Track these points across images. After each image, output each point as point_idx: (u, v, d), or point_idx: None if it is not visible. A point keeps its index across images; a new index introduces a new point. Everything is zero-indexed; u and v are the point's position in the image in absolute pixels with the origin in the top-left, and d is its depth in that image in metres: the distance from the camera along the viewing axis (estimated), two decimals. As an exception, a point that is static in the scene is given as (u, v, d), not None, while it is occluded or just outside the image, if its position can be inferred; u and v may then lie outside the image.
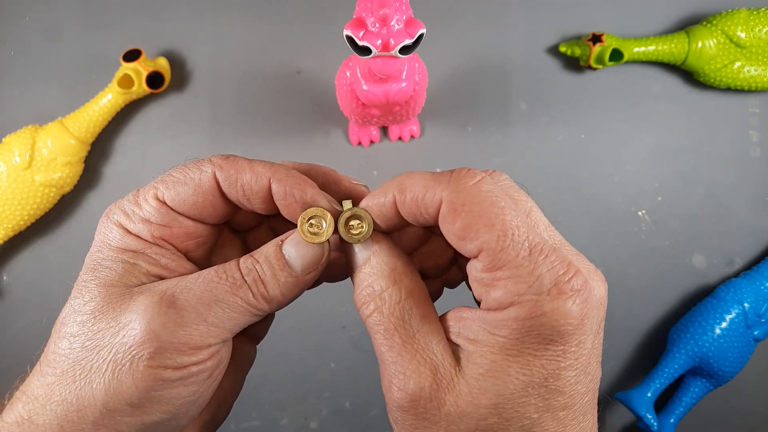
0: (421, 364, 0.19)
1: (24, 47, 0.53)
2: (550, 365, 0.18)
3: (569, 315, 0.18)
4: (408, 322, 0.20)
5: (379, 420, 0.52)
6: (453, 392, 0.18)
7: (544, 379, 0.18)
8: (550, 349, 0.18)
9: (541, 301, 0.18)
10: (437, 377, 0.18)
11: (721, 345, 0.48)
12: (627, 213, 0.52)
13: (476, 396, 0.18)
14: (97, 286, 0.21)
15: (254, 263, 0.21)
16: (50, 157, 0.47)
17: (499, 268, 0.18)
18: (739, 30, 0.49)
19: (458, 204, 0.19)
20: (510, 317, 0.18)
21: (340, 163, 0.52)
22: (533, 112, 0.52)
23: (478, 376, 0.18)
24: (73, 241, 0.52)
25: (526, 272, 0.18)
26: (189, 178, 0.22)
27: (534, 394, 0.18)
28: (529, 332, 0.18)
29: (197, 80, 0.52)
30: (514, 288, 0.18)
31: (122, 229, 0.22)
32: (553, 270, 0.18)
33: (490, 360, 0.18)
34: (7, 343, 0.52)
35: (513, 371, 0.18)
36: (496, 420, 0.18)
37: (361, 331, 0.52)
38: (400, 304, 0.20)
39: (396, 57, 0.35)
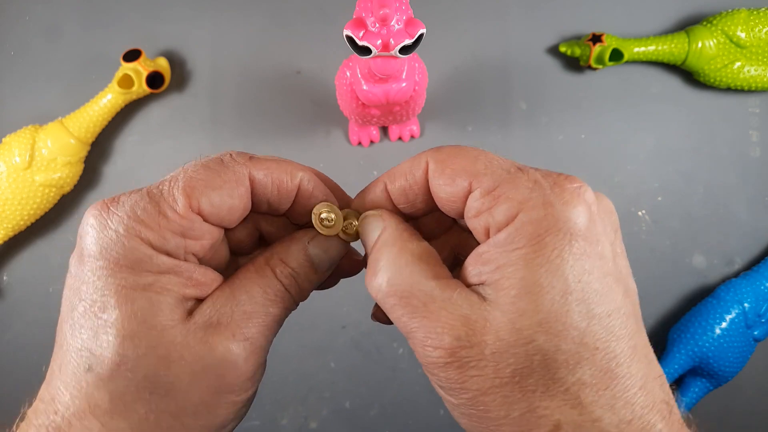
0: (448, 318, 0.18)
1: (24, 47, 0.53)
2: (578, 265, 0.18)
3: (577, 205, 0.18)
4: (422, 284, 0.19)
5: (380, 420, 0.52)
6: (491, 329, 0.18)
7: (577, 281, 0.17)
8: (573, 247, 0.18)
9: (547, 197, 0.18)
10: (469, 323, 0.18)
11: (721, 345, 0.48)
12: (627, 213, 0.52)
13: (516, 320, 0.17)
14: (147, 328, 0.19)
15: (292, 273, 0.22)
16: (50, 157, 0.47)
17: (496, 186, 0.19)
18: (739, 30, 0.49)
19: (443, 157, 0.20)
20: (522, 223, 0.18)
21: (340, 163, 0.52)
22: (533, 112, 0.52)
23: (511, 299, 0.17)
24: (73, 242, 0.52)
25: (523, 181, 0.19)
26: (223, 181, 0.20)
27: (574, 301, 0.17)
28: (547, 233, 0.18)
29: (197, 80, 0.52)
30: (517, 196, 0.18)
31: (151, 246, 0.19)
32: (549, 175, 0.19)
33: (519, 278, 0.17)
34: (7, 343, 0.52)
35: (544, 280, 0.17)
36: (544, 338, 0.17)
37: (362, 331, 0.52)
38: (416, 265, 0.20)
39: (396, 57, 0.35)
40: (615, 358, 0.18)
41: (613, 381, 0.17)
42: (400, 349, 0.52)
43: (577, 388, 0.17)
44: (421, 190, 0.21)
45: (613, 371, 0.18)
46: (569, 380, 0.17)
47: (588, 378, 0.17)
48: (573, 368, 0.17)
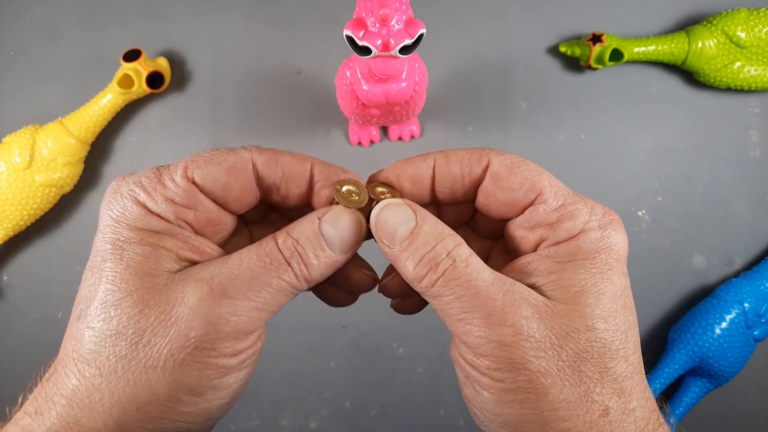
0: (515, 300, 0.20)
1: (24, 47, 0.53)
2: (622, 281, 0.21)
3: (622, 234, 0.21)
4: (484, 272, 0.20)
5: (380, 420, 0.52)
6: (556, 315, 0.20)
7: (622, 292, 0.21)
8: (619, 265, 0.21)
9: (602, 223, 0.21)
10: (535, 307, 0.20)
11: (721, 345, 0.48)
12: (627, 213, 0.52)
13: (580, 310, 0.20)
14: (130, 274, 0.20)
15: (295, 244, 0.21)
16: (50, 157, 0.47)
17: (561, 205, 0.21)
18: (739, 30, 0.49)
19: (509, 162, 0.22)
20: (584, 241, 0.21)
21: (340, 163, 0.52)
22: (533, 112, 0.52)
23: (573, 295, 0.20)
24: (73, 241, 0.52)
25: (583, 206, 0.21)
26: (223, 159, 0.22)
27: (620, 306, 0.21)
28: (602, 251, 0.21)
29: (197, 80, 0.52)
30: (580, 217, 0.21)
31: (142, 207, 0.21)
32: (597, 205, 0.22)
33: (579, 281, 0.20)
34: (8, 343, 0.52)
35: (601, 286, 0.20)
36: (604, 326, 0.20)
37: (362, 331, 0.52)
38: (471, 258, 0.21)
39: (396, 57, 0.35)
40: (639, 360, 0.21)
41: (642, 379, 0.21)
42: (400, 349, 0.52)
43: (623, 379, 0.20)
44: (472, 184, 0.23)
45: (641, 372, 0.21)
46: (618, 370, 0.20)
47: (629, 372, 0.20)
48: (621, 360, 0.20)
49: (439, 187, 0.23)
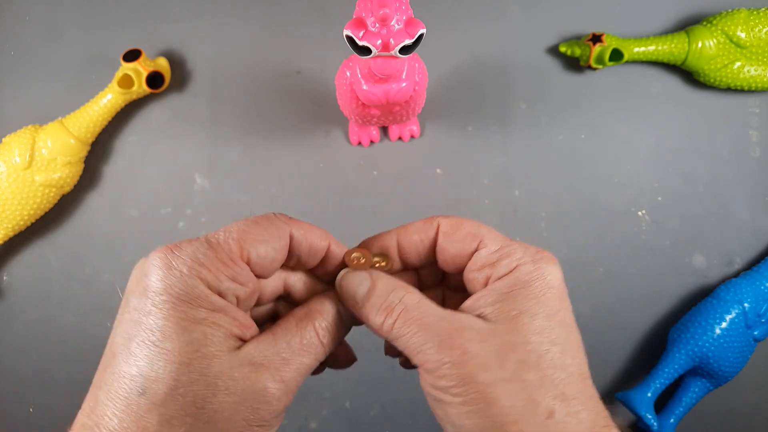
0: (461, 327, 0.23)
1: (24, 47, 0.53)
2: (556, 303, 0.24)
3: (554, 266, 0.25)
4: (434, 310, 0.24)
5: (380, 420, 0.52)
6: (497, 335, 0.23)
7: (557, 311, 0.24)
8: (552, 290, 0.25)
9: (535, 258, 0.25)
10: (478, 331, 0.23)
11: (721, 345, 0.48)
12: (627, 213, 0.52)
13: (518, 328, 0.23)
14: (198, 357, 0.21)
15: (328, 326, 0.26)
16: (50, 157, 0.47)
17: (499, 248, 0.25)
18: (739, 30, 0.49)
19: (453, 222, 0.27)
20: (520, 273, 0.25)
21: (340, 163, 0.52)
22: (533, 112, 0.52)
23: (512, 317, 0.23)
24: (73, 241, 0.52)
25: (518, 246, 0.25)
26: (270, 236, 0.24)
27: (556, 323, 0.24)
28: (535, 280, 0.24)
29: (197, 80, 0.52)
30: (515, 256, 0.25)
31: (206, 286, 0.22)
32: (531, 247, 0.26)
33: (517, 306, 0.24)
34: (8, 343, 0.52)
35: (536, 308, 0.24)
36: (538, 340, 0.23)
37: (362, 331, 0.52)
38: (422, 301, 0.24)
39: (396, 57, 0.35)
40: (581, 369, 0.24)
41: (586, 386, 0.23)
42: (400, 349, 0.52)
43: (563, 385, 0.23)
44: (430, 245, 0.27)
45: (584, 380, 0.23)
46: (557, 377, 0.23)
47: (569, 379, 0.23)
48: (559, 369, 0.23)
49: (405, 253, 0.28)
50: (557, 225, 0.52)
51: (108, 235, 0.52)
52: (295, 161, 0.52)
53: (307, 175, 0.52)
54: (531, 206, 0.52)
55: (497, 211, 0.52)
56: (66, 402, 0.52)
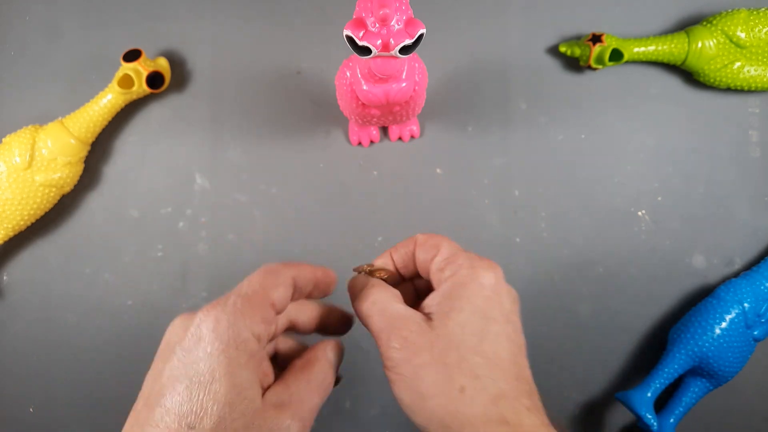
0: (407, 322, 0.30)
1: (24, 47, 0.53)
2: (483, 302, 0.30)
3: (489, 270, 0.31)
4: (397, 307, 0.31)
5: (380, 419, 0.52)
6: (434, 328, 0.30)
7: (481, 308, 0.30)
8: (482, 290, 0.30)
9: (473, 264, 0.31)
10: (418, 324, 0.30)
11: (720, 345, 0.48)
12: (627, 213, 0.53)
13: (448, 323, 0.29)
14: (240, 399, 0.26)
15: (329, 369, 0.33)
16: (50, 157, 0.47)
17: (449, 256, 0.32)
18: (739, 30, 0.49)
19: (423, 239, 0.33)
20: (458, 277, 0.31)
21: (340, 163, 0.52)
22: (533, 112, 0.53)
23: (445, 314, 0.30)
24: (73, 241, 0.52)
25: (463, 255, 0.32)
26: (281, 282, 0.30)
27: (477, 318, 0.30)
28: (471, 282, 0.30)
29: (197, 80, 0.52)
30: (458, 262, 0.31)
31: (249, 332, 0.27)
32: (475, 256, 0.32)
33: (450, 304, 0.30)
34: (8, 343, 0.52)
35: (464, 305, 0.30)
36: (461, 332, 0.29)
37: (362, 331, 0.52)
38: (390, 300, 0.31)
39: (396, 57, 0.35)
40: (498, 355, 0.29)
41: (501, 369, 0.29)
42: (400, 349, 0.52)
43: (477, 368, 0.28)
44: (412, 256, 0.34)
45: (497, 365, 0.29)
46: (473, 362, 0.28)
47: (483, 363, 0.29)
48: (475, 355, 0.29)
49: (398, 264, 0.34)
50: (557, 225, 0.52)
51: (108, 235, 0.52)
52: (295, 161, 0.52)
53: (307, 175, 0.52)
54: (531, 206, 0.52)
55: (497, 211, 0.52)
56: (66, 402, 0.52)
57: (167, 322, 0.52)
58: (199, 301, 0.52)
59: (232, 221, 0.52)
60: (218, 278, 0.52)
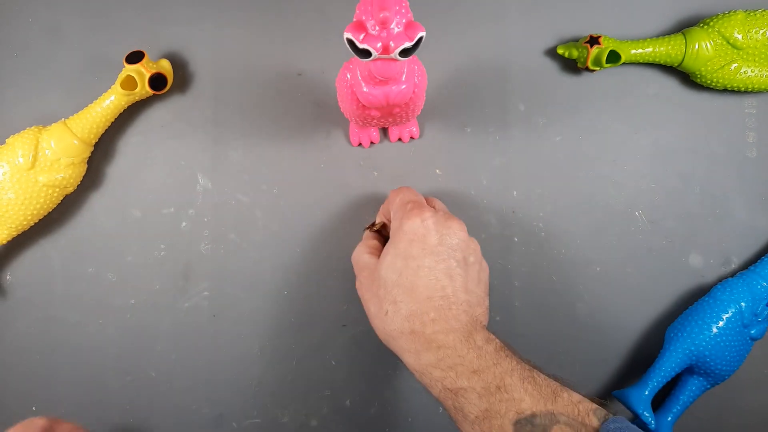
0: (364, 266, 0.43)
1: (27, 49, 0.53)
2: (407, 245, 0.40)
3: (412, 219, 0.40)
4: (364, 257, 0.44)
5: (380, 418, 0.52)
6: (373, 270, 0.42)
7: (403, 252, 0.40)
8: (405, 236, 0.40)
9: (403, 216, 0.41)
10: (369, 268, 0.43)
11: (717, 344, 0.48)
12: (624, 213, 0.53)
13: (381, 266, 0.41)
14: None
15: None
16: (53, 157, 0.47)
17: (392, 209, 0.44)
18: (736, 32, 0.49)
19: (391, 195, 0.45)
20: (393, 227, 0.42)
21: (341, 164, 0.52)
22: (531, 114, 0.53)
23: (380, 257, 0.41)
24: (76, 241, 0.52)
25: (398, 209, 0.43)
26: None
27: (399, 259, 0.39)
28: (397, 231, 0.41)
29: (199, 82, 0.53)
30: (394, 215, 0.42)
31: None
32: (406, 208, 0.42)
33: (385, 249, 0.41)
34: (10, 342, 0.52)
35: (390, 249, 0.41)
36: (386, 272, 0.40)
37: (362, 330, 0.52)
38: (364, 253, 0.44)
39: (396, 59, 0.35)
40: (414, 283, 0.38)
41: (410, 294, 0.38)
42: (400, 348, 0.52)
43: (396, 295, 0.39)
44: None
45: (412, 290, 0.38)
46: (394, 293, 0.39)
47: (400, 291, 0.39)
48: (395, 287, 0.39)
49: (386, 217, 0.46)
50: (555, 225, 0.53)
51: (111, 234, 0.52)
52: (296, 162, 0.52)
53: (308, 176, 0.52)
54: (529, 206, 0.53)
55: (495, 211, 0.52)
56: (68, 400, 0.52)
57: (169, 321, 0.52)
58: (201, 301, 0.52)
59: (233, 221, 0.52)
60: (220, 278, 0.52)
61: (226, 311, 0.52)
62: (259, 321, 0.52)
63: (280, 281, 0.52)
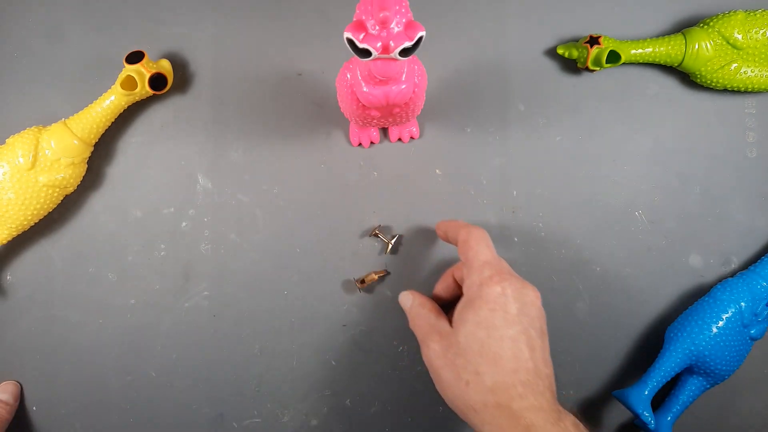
0: (432, 331, 0.40)
1: (27, 48, 0.53)
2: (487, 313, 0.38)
3: (493, 286, 0.39)
4: (430, 318, 0.42)
5: (380, 417, 0.52)
6: (449, 336, 0.39)
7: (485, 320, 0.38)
8: (487, 303, 0.38)
9: (482, 281, 0.39)
10: (440, 333, 0.40)
11: (717, 344, 0.48)
12: (624, 213, 0.53)
13: (459, 333, 0.39)
14: None
15: None
16: (54, 157, 0.47)
17: (468, 270, 0.41)
18: (736, 32, 0.49)
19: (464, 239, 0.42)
20: (470, 293, 0.40)
21: (341, 164, 0.53)
22: (531, 114, 0.53)
23: (457, 324, 0.39)
24: (76, 241, 0.52)
25: (475, 270, 0.40)
26: None
27: (482, 329, 0.38)
28: (476, 299, 0.39)
29: (199, 82, 0.53)
30: (473, 278, 0.40)
31: None
32: (486, 270, 0.40)
33: (463, 314, 0.39)
34: (11, 342, 0.52)
35: (470, 317, 0.38)
36: (464, 339, 0.38)
37: (362, 329, 0.52)
38: (428, 313, 0.42)
39: (396, 59, 0.35)
40: (498, 354, 0.37)
41: (495, 365, 0.37)
42: (400, 347, 0.52)
43: (478, 365, 0.37)
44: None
45: (497, 362, 0.37)
46: (474, 362, 0.37)
47: (483, 362, 0.37)
48: (476, 356, 0.37)
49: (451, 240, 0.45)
50: (555, 225, 0.53)
51: (111, 234, 0.52)
52: (296, 162, 0.52)
53: (308, 176, 0.52)
54: (529, 206, 0.53)
55: (495, 211, 0.52)
56: (69, 400, 0.52)
57: (169, 320, 0.52)
58: (201, 301, 0.52)
59: (234, 221, 0.52)
60: (220, 278, 0.52)
61: (226, 311, 0.52)
62: (259, 321, 0.52)
63: (280, 281, 0.52)
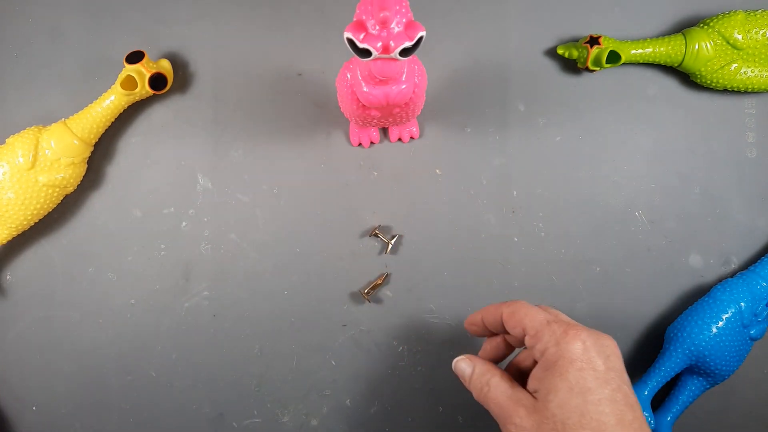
0: (517, 406, 0.34)
1: (27, 48, 0.53)
2: (577, 374, 0.32)
3: (575, 341, 0.33)
4: (506, 389, 0.35)
5: (379, 417, 0.52)
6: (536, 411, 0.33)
7: (576, 383, 0.32)
8: (573, 365, 0.33)
9: (558, 339, 0.33)
10: (526, 407, 0.34)
11: (717, 344, 0.48)
12: (624, 213, 0.53)
13: (549, 404, 0.32)
14: None
15: None
16: (54, 157, 0.47)
17: (535, 333, 0.35)
18: (736, 32, 0.49)
19: (510, 312, 0.36)
20: (548, 355, 0.33)
21: (341, 164, 0.53)
22: (531, 114, 0.53)
23: (545, 395, 0.33)
24: (76, 241, 0.52)
25: (547, 331, 0.34)
26: None
27: (575, 394, 0.32)
28: (560, 359, 0.33)
29: (199, 82, 0.53)
30: (545, 338, 0.34)
31: None
32: (559, 328, 0.34)
33: (547, 385, 0.33)
34: (11, 342, 0.52)
35: (559, 384, 0.32)
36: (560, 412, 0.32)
37: (362, 329, 0.52)
38: (500, 383, 0.35)
39: (396, 59, 0.35)
40: (601, 421, 0.31)
41: None
42: (400, 347, 0.52)
43: None
44: (501, 324, 0.37)
45: (602, 430, 0.31)
46: None
47: None
48: (578, 428, 0.31)
49: (489, 325, 0.38)
50: (555, 225, 0.53)
51: (111, 234, 0.52)
52: (296, 162, 0.52)
53: (308, 176, 0.52)
54: (529, 206, 0.53)
55: (495, 210, 0.53)
56: (69, 400, 0.52)
57: (169, 320, 0.52)
58: (201, 301, 0.52)
59: (234, 221, 0.52)
60: (220, 278, 0.52)
61: (226, 311, 0.52)
62: (259, 321, 0.52)
63: (280, 281, 0.52)
